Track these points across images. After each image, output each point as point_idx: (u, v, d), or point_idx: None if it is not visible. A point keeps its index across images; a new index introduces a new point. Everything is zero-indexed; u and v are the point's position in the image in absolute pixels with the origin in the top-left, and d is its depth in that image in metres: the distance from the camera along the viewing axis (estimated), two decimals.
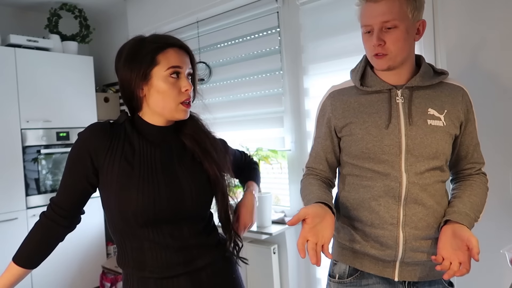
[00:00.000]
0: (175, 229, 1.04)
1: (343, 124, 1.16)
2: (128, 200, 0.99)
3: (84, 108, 3.24)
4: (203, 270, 1.07)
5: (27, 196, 2.91)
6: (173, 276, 1.03)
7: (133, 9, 3.11)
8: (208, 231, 1.13)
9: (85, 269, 3.17)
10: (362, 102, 1.16)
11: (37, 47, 3.01)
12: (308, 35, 2.21)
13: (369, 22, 1.08)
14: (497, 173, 1.56)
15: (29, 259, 1.04)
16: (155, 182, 1.02)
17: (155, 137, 1.08)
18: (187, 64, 1.06)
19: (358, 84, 1.17)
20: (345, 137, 1.17)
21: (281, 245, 2.38)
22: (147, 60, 1.02)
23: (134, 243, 1.03)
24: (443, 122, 1.11)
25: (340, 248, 1.22)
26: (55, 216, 1.03)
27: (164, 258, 1.03)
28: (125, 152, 1.03)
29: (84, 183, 1.03)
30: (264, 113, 2.49)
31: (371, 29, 1.08)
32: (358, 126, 1.13)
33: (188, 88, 1.04)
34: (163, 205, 1.01)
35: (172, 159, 1.07)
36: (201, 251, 1.08)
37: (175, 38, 1.08)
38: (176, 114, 1.05)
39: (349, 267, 1.18)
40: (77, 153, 1.02)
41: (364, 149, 1.11)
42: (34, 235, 1.04)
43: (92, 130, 1.03)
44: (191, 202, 1.05)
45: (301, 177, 1.26)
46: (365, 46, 1.13)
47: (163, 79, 1.02)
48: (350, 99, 1.18)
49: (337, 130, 1.19)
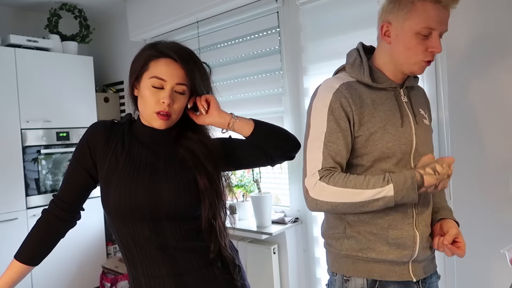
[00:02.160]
0: (157, 228, 1.03)
1: (363, 121, 1.07)
2: (108, 194, 1.02)
3: (84, 108, 3.24)
4: (189, 275, 1.04)
5: (27, 196, 2.90)
6: (158, 276, 1.04)
7: (133, 9, 3.11)
8: (198, 236, 1.08)
9: (85, 269, 3.17)
10: (373, 98, 1.09)
11: (37, 47, 3.01)
12: (308, 35, 2.21)
13: (435, 26, 1.02)
14: (497, 173, 1.57)
15: (31, 256, 1.06)
16: (134, 178, 1.03)
17: (147, 138, 1.10)
18: (176, 78, 1.02)
19: (368, 79, 1.09)
20: (363, 136, 1.07)
21: (281, 245, 2.38)
22: (141, 62, 1.04)
23: (123, 240, 1.06)
24: (428, 121, 1.18)
25: (349, 260, 1.10)
26: (57, 210, 1.07)
27: (149, 255, 1.04)
28: (116, 149, 1.07)
29: (84, 175, 1.07)
30: (264, 113, 2.49)
31: (430, 33, 1.02)
32: (377, 124, 1.07)
33: (164, 101, 1.00)
34: (138, 202, 1.01)
35: (159, 160, 1.08)
36: (186, 255, 1.05)
37: (175, 50, 1.03)
38: (151, 121, 1.05)
39: (366, 280, 1.08)
40: (80, 147, 1.08)
41: (384, 149, 1.06)
42: (36, 231, 1.07)
43: (94, 126, 1.10)
44: (168, 202, 1.03)
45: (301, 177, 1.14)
46: (412, 49, 1.05)
47: (146, 85, 1.03)
48: (363, 95, 1.09)
49: (355, 128, 1.07)
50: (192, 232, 1.07)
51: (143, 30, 2.99)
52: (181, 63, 1.03)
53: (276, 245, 2.36)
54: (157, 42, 1.08)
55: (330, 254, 1.17)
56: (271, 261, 2.33)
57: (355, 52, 1.17)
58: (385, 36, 1.09)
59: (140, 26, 3.03)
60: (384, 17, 1.10)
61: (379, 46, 1.15)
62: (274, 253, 2.34)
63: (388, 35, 1.09)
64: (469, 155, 1.63)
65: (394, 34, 1.07)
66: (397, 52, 1.08)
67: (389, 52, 1.10)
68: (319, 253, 2.29)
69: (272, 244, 2.35)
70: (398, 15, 1.05)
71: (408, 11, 1.03)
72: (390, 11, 1.07)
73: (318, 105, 1.10)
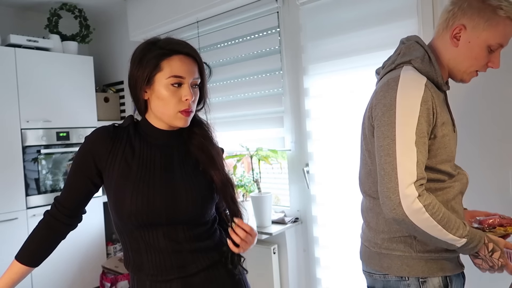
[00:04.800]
0: (171, 233, 1.03)
1: (440, 122, 1.02)
2: (123, 201, 1.00)
3: (84, 108, 3.24)
4: (196, 276, 1.05)
5: (27, 196, 2.90)
6: (166, 280, 1.03)
7: (133, 9, 3.11)
8: (207, 236, 1.09)
9: (85, 269, 3.17)
10: (441, 100, 1.08)
11: (37, 47, 3.01)
12: (308, 35, 2.21)
13: (506, 44, 1.04)
14: (497, 173, 1.57)
15: (32, 257, 1.06)
16: (151, 184, 1.01)
17: (157, 140, 1.08)
18: (192, 73, 1.03)
19: (441, 79, 1.07)
20: (438, 138, 1.03)
21: (281, 245, 2.37)
22: (151, 64, 1.01)
23: (133, 244, 1.04)
24: None
25: (422, 262, 1.07)
26: (58, 214, 1.07)
27: (159, 261, 1.02)
28: (126, 154, 1.04)
29: (87, 184, 1.06)
30: (264, 113, 2.49)
31: (498, 48, 1.04)
32: (448, 127, 1.06)
33: (188, 98, 1.01)
34: (156, 207, 1.00)
35: (172, 163, 1.06)
36: (196, 257, 1.05)
37: (184, 45, 1.04)
38: (174, 121, 1.04)
39: (441, 278, 1.07)
40: (81, 156, 1.06)
41: (449, 152, 1.06)
42: (37, 233, 1.08)
43: (96, 133, 1.06)
44: (186, 206, 1.03)
45: (301, 177, 1.21)
46: (478, 59, 1.05)
47: (164, 86, 1.00)
48: (438, 96, 1.06)
49: (432, 131, 1.02)
50: (202, 234, 1.07)
51: (143, 30, 2.99)
52: (194, 56, 1.04)
53: (276, 245, 2.36)
54: (154, 41, 1.05)
55: (392, 258, 1.09)
56: (271, 261, 2.33)
57: (419, 47, 1.09)
58: (453, 38, 1.06)
59: (140, 26, 3.03)
60: (459, 20, 1.05)
61: (441, 45, 1.10)
62: (274, 253, 2.34)
63: (457, 38, 1.06)
64: (469, 155, 1.63)
65: (466, 39, 1.04)
66: (461, 57, 1.06)
67: (453, 54, 1.08)
68: (319, 253, 2.29)
69: (272, 244, 2.35)
70: (478, 22, 1.02)
71: (490, 23, 1.01)
72: (469, 16, 1.03)
73: (405, 103, 0.99)
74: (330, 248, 2.22)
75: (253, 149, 2.41)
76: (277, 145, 2.46)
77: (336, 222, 2.17)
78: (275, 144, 2.47)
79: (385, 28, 1.88)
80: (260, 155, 2.38)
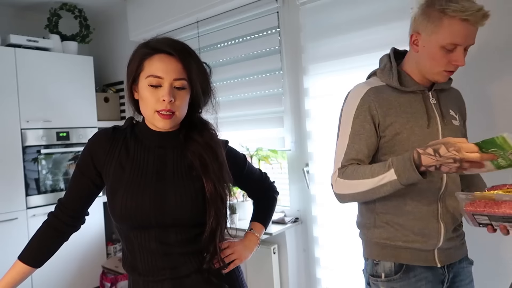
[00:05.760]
0: (162, 235, 1.02)
1: (388, 123, 1.16)
2: (115, 203, 1.01)
3: (84, 108, 3.24)
4: (188, 277, 1.04)
5: (27, 196, 2.90)
6: (157, 280, 1.03)
7: (133, 9, 3.11)
8: (200, 238, 1.05)
9: (85, 269, 3.17)
10: (401, 101, 1.18)
11: (37, 47, 3.01)
12: (308, 35, 2.21)
13: (460, 42, 1.07)
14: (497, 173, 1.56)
15: (35, 257, 1.07)
16: (142, 186, 1.01)
17: (151, 142, 1.07)
18: (173, 73, 0.98)
19: (396, 84, 1.18)
20: (389, 136, 1.16)
21: (281, 245, 2.38)
22: (136, 64, 1.01)
23: (128, 245, 1.06)
24: (458, 121, 1.23)
25: (379, 247, 1.21)
26: (62, 215, 1.09)
27: (151, 261, 1.03)
28: (121, 156, 1.05)
29: (89, 185, 1.08)
30: (264, 113, 2.49)
31: (454, 47, 1.08)
32: (403, 125, 1.15)
33: (165, 98, 0.96)
34: (144, 211, 0.99)
35: (166, 166, 1.05)
36: (187, 258, 1.04)
37: (168, 44, 1.00)
38: (154, 122, 1.01)
39: (394, 263, 1.18)
40: (82, 158, 1.08)
41: (410, 148, 1.10)
42: (41, 234, 1.09)
43: (95, 135, 1.09)
44: (175, 209, 1.01)
45: (301, 177, 1.24)
46: (436, 60, 1.11)
47: (144, 86, 0.99)
48: (390, 98, 1.18)
49: (380, 129, 1.17)
50: (194, 237, 1.05)
51: (143, 30, 2.99)
52: (176, 55, 0.99)
53: (276, 245, 2.36)
54: (149, 40, 1.04)
55: (363, 242, 1.28)
56: (271, 261, 2.33)
57: (386, 58, 1.25)
58: (413, 45, 1.16)
59: (140, 26, 3.03)
60: (414, 27, 1.15)
61: (409, 52, 1.22)
62: (274, 253, 2.34)
63: (416, 44, 1.16)
64: None
65: (422, 44, 1.14)
66: (423, 61, 1.15)
67: (416, 59, 1.18)
68: (319, 253, 2.29)
69: (272, 244, 2.35)
70: (427, 27, 1.10)
71: (436, 25, 1.08)
72: (420, 22, 1.12)
73: (346, 110, 1.22)
74: (330, 248, 2.22)
75: (253, 149, 2.41)
76: (277, 145, 2.46)
77: (336, 222, 2.17)
78: (275, 144, 2.47)
79: (385, 28, 1.88)
80: (260, 155, 2.38)
